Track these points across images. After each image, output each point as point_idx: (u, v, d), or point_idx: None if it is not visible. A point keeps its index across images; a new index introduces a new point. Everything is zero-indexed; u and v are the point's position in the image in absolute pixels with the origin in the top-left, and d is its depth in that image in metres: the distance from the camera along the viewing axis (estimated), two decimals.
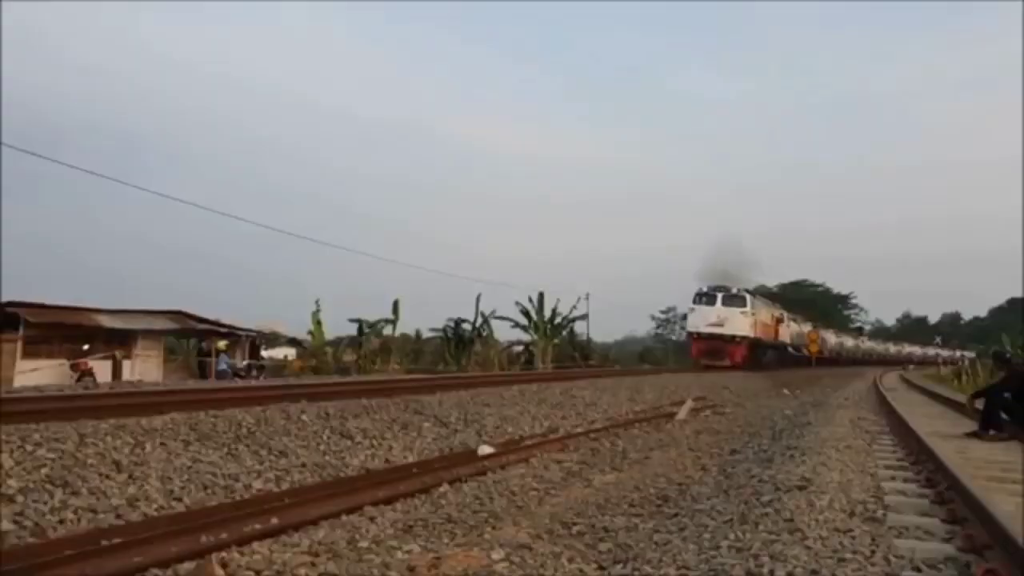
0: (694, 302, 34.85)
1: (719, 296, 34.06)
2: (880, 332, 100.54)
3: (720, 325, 33.27)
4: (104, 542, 4.39)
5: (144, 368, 24.79)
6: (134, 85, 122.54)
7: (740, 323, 33.34)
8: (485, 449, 8.71)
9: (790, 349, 45.62)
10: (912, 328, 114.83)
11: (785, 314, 44.54)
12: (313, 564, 4.47)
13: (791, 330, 46.26)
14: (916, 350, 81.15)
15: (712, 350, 33.06)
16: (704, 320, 33.78)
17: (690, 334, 35.36)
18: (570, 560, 4.70)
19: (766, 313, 38.83)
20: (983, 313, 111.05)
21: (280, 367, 31.80)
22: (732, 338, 33.09)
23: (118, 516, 4.98)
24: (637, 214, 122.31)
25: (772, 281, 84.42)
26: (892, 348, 78.52)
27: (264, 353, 33.00)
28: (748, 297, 34.63)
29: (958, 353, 60.68)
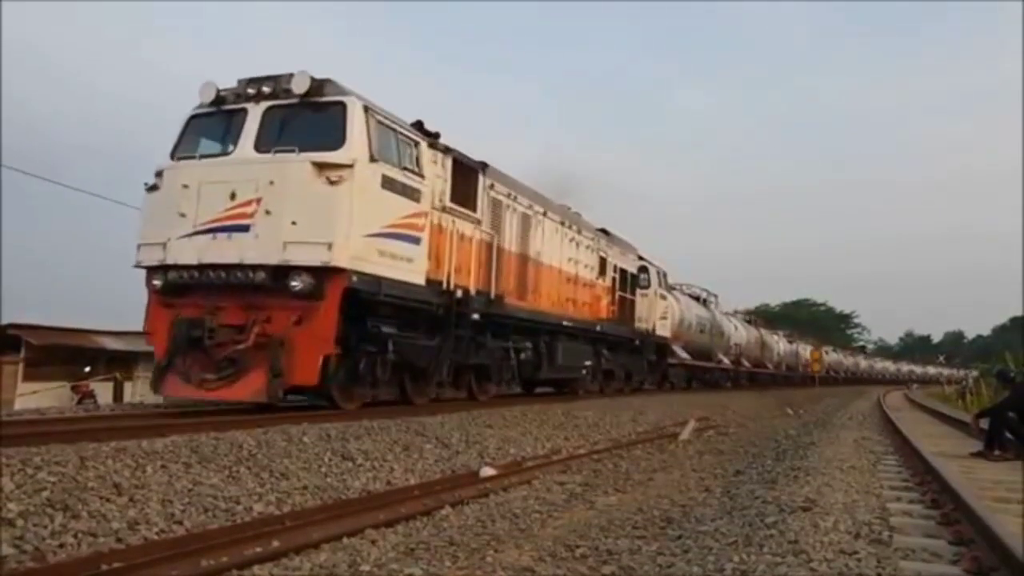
0: (174, 155, 9.14)
1: (250, 114, 8.74)
2: (883, 351, 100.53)
3: (241, 228, 8.20)
4: (104, 566, 4.36)
5: (146, 390, 24.77)
6: (136, 102, 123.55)
7: (320, 210, 8.24)
8: (487, 471, 8.66)
9: (681, 352, 23.25)
10: (915, 347, 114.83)
11: (658, 270, 21.08)
12: None
13: (683, 312, 23.56)
14: (917, 368, 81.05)
15: (187, 329, 8.62)
16: (184, 218, 8.52)
17: (148, 274, 9.03)
18: None
19: (557, 234, 14.75)
20: (986, 332, 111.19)
21: None
22: (282, 277, 8.26)
23: (118, 540, 4.95)
24: (632, 222, 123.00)
25: (774, 300, 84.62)
26: (904, 367, 78.13)
27: None
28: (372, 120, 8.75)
29: (962, 372, 60.51)
